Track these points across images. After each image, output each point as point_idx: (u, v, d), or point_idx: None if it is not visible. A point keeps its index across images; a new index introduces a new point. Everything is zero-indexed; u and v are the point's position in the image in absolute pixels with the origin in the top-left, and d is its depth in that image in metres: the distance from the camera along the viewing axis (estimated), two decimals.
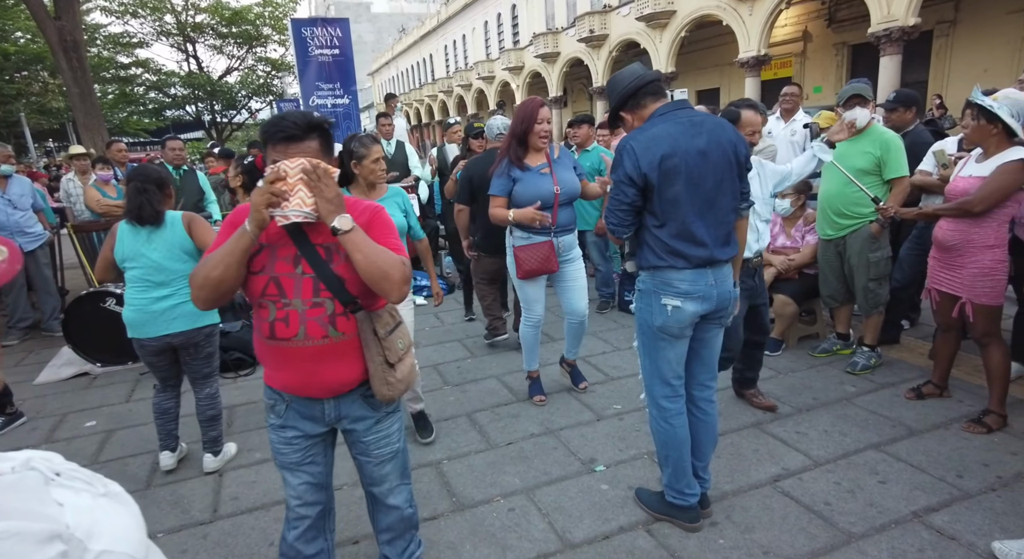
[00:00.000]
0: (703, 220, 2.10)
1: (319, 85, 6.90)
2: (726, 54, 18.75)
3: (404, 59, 48.40)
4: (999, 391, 2.95)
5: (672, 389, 2.29)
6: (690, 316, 2.16)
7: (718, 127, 2.12)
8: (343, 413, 1.73)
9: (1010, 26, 13.40)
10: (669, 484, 2.37)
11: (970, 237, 2.88)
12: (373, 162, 2.82)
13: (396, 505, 1.89)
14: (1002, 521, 2.27)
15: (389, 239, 1.64)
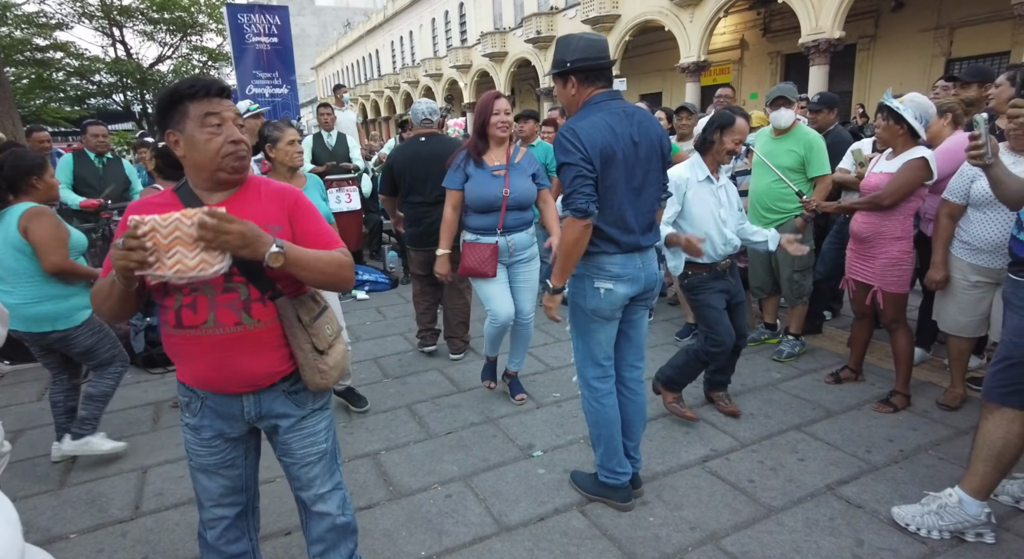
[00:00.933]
0: (633, 208, 2.18)
1: (256, 73, 6.67)
2: (668, 59, 19.32)
3: (349, 54, 47.41)
4: (904, 373, 3.17)
5: (603, 370, 2.36)
6: (621, 298, 2.25)
7: (647, 119, 2.21)
8: (264, 410, 1.59)
9: (922, 43, 14.42)
10: (602, 463, 2.43)
11: (880, 229, 3.09)
12: (288, 144, 2.78)
13: (326, 512, 1.72)
14: (902, 489, 2.45)
15: (319, 227, 1.58)
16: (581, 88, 2.18)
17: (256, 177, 1.62)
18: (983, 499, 2.11)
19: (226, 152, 1.44)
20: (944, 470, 2.58)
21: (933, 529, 2.15)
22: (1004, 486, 2.32)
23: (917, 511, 2.20)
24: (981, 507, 2.10)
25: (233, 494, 1.69)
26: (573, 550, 2.18)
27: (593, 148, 2.06)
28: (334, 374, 1.60)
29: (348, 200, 5.82)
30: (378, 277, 6.09)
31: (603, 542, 2.22)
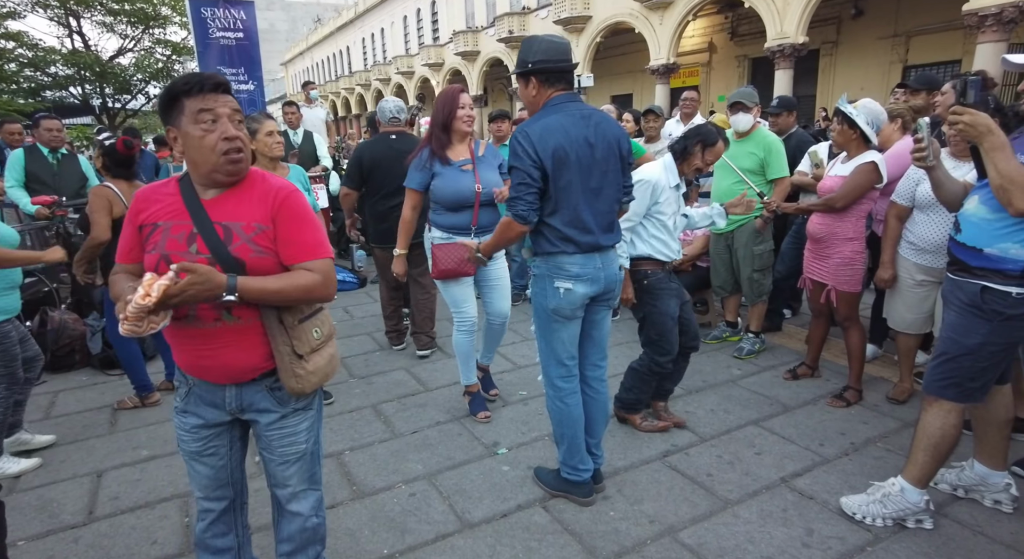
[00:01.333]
0: (591, 208, 2.22)
1: (221, 69, 6.53)
2: (639, 61, 19.55)
3: (320, 50, 46.74)
4: (857, 370, 3.29)
5: (567, 369, 2.40)
6: (581, 297, 2.29)
7: (604, 121, 2.26)
8: (246, 403, 1.60)
9: (881, 50, 14.90)
10: (564, 461, 2.47)
11: (834, 230, 3.20)
12: (267, 135, 2.80)
13: (298, 512, 1.71)
14: (851, 480, 2.55)
15: (301, 236, 1.52)
16: (542, 89, 2.23)
17: (259, 171, 1.59)
18: (923, 487, 2.21)
19: (221, 149, 1.42)
20: (891, 461, 2.69)
21: (877, 517, 2.24)
22: (942, 475, 2.43)
23: (863, 500, 2.30)
24: (921, 495, 2.20)
25: (220, 487, 1.69)
26: (534, 545, 2.22)
27: (545, 151, 2.11)
28: (313, 380, 1.56)
29: (315, 198, 5.75)
30: (346, 276, 6.04)
31: (564, 537, 2.26)
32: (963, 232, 2.11)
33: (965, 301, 2.09)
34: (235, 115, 1.45)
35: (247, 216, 1.48)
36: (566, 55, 2.23)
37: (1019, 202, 1.86)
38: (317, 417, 1.72)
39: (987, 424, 2.29)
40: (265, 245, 1.49)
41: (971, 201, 2.12)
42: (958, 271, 2.13)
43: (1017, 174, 1.86)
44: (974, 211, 2.09)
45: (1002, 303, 2.00)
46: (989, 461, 2.31)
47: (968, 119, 1.93)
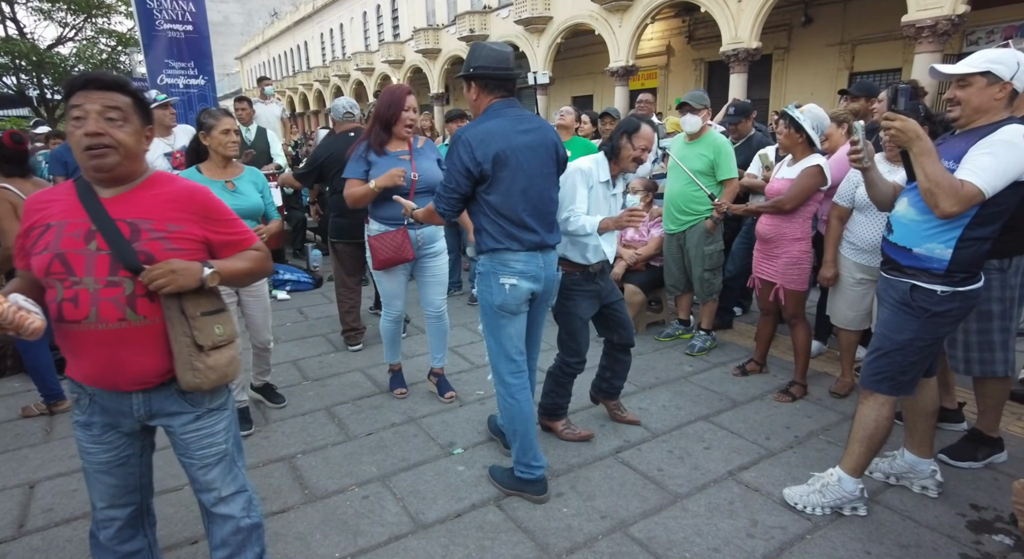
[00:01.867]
0: (532, 208, 2.34)
1: (169, 63, 6.29)
2: (599, 63, 19.79)
3: (276, 45, 45.59)
4: (802, 365, 3.42)
5: (516, 365, 2.47)
6: (525, 293, 2.39)
7: (543, 127, 2.41)
8: (155, 409, 1.56)
9: (829, 56, 15.48)
10: (517, 459, 2.49)
11: (782, 231, 3.31)
12: (223, 133, 2.75)
13: (229, 514, 1.68)
14: (794, 472, 2.64)
15: (236, 228, 1.63)
16: (482, 94, 2.37)
17: (164, 174, 1.59)
18: (858, 476, 2.31)
19: (83, 145, 1.40)
20: (831, 453, 2.80)
21: (816, 506, 2.34)
22: (876, 464, 2.55)
23: (804, 491, 2.39)
24: (856, 484, 2.31)
25: (127, 494, 1.65)
26: (488, 543, 2.22)
27: (485, 154, 2.23)
28: (211, 376, 1.52)
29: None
30: (300, 276, 5.92)
31: (517, 534, 2.27)
32: (894, 232, 2.22)
33: (897, 299, 2.20)
34: (108, 111, 1.41)
35: (158, 215, 1.49)
36: (507, 64, 2.35)
37: (944, 205, 1.97)
38: (233, 418, 1.72)
39: (916, 415, 2.41)
40: (183, 244, 1.50)
41: (901, 203, 2.23)
42: (890, 270, 2.24)
43: (943, 178, 1.96)
44: (904, 213, 2.19)
45: (929, 300, 2.11)
46: (918, 450, 2.44)
47: (899, 125, 2.03)
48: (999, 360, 2.52)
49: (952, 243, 2.05)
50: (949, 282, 2.08)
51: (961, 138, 2.09)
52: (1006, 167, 1.92)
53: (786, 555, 2.14)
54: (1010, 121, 2.00)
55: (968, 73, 2.02)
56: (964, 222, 2.04)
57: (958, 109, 2.08)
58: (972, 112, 2.06)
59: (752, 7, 13.94)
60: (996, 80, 1.99)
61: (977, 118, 2.06)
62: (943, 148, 2.12)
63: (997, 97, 2.01)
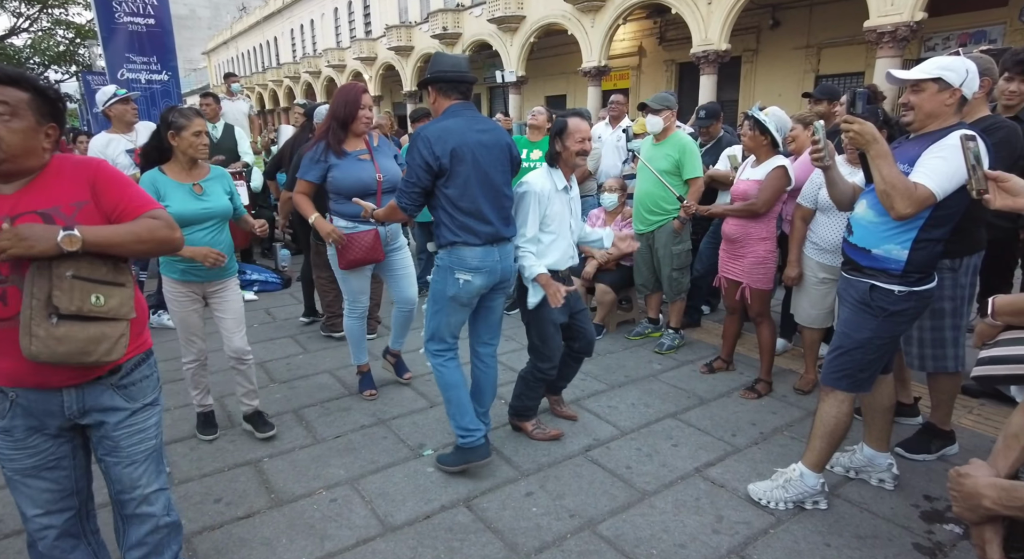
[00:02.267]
0: (489, 202, 2.50)
1: (130, 57, 6.11)
2: (572, 63, 19.86)
3: (245, 40, 44.69)
4: (767, 363, 3.50)
5: (447, 345, 2.71)
6: (477, 288, 2.56)
7: (496, 129, 2.58)
8: (89, 404, 1.50)
9: (796, 59, 15.82)
10: (457, 424, 2.66)
11: (749, 231, 3.38)
12: (194, 135, 2.65)
13: (151, 513, 1.64)
14: (759, 468, 2.71)
15: (129, 192, 1.51)
16: (440, 97, 2.56)
17: (59, 156, 1.52)
18: (819, 471, 2.38)
19: None
20: (795, 448, 2.87)
21: (780, 501, 2.40)
22: (837, 458, 2.62)
23: (768, 486, 2.45)
24: (817, 478, 2.37)
25: (63, 499, 1.58)
26: (457, 545, 2.22)
27: (443, 150, 2.40)
28: (57, 349, 1.34)
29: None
30: (268, 276, 5.83)
31: (486, 535, 2.28)
32: (854, 234, 2.28)
33: (857, 298, 2.26)
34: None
35: (63, 197, 1.44)
36: (461, 70, 2.56)
37: (900, 206, 2.03)
38: (162, 413, 1.70)
39: (874, 411, 2.49)
40: (91, 220, 1.45)
41: (861, 205, 2.29)
42: (851, 270, 2.30)
43: (898, 181, 2.03)
44: (863, 214, 2.26)
45: (887, 300, 2.17)
46: (876, 444, 2.52)
47: (857, 128, 2.08)
48: (950, 356, 2.62)
49: (908, 244, 2.12)
50: (906, 282, 2.15)
51: (915, 142, 2.16)
52: (955, 170, 1.98)
53: (750, 549, 2.19)
54: (959, 126, 2.07)
55: (921, 79, 2.08)
56: (918, 224, 2.10)
57: (912, 113, 2.14)
58: (925, 117, 2.12)
59: (721, 10, 14.16)
60: (947, 86, 2.06)
61: (929, 123, 2.13)
62: (899, 151, 2.18)
63: (947, 103, 2.08)
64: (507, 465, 2.76)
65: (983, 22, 12.52)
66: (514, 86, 20.68)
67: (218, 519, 2.38)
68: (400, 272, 3.37)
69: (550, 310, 2.79)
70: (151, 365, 1.66)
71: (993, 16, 12.34)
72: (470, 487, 2.58)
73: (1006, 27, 12.19)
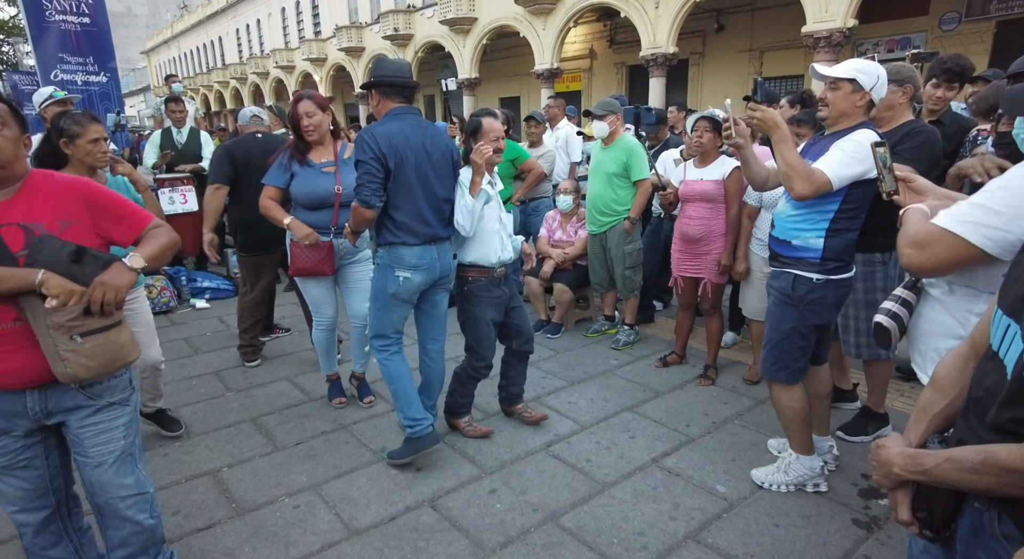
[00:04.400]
0: (429, 205, 2.62)
1: (64, 57, 5.84)
2: (525, 65, 19.99)
3: (187, 39, 43.08)
4: (715, 350, 3.70)
5: (391, 341, 2.80)
6: (417, 285, 2.68)
7: (439, 133, 2.69)
8: (52, 406, 1.53)
9: (740, 62, 16.40)
10: (404, 414, 2.75)
11: (711, 228, 3.50)
12: (90, 142, 2.50)
13: (129, 517, 1.66)
14: (712, 456, 2.83)
15: (127, 210, 1.61)
16: (382, 101, 2.64)
17: (41, 172, 1.55)
18: (810, 453, 2.51)
19: None
20: (746, 436, 3.01)
21: (782, 484, 2.53)
22: (784, 444, 2.78)
23: (770, 471, 2.58)
24: (814, 461, 2.51)
25: (37, 498, 1.60)
26: (423, 544, 2.25)
27: (390, 150, 2.49)
28: (91, 364, 1.45)
29: (183, 201, 5.36)
30: (220, 283, 5.68)
31: (452, 533, 2.31)
32: (776, 227, 2.44)
33: (780, 291, 2.41)
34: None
35: (47, 214, 1.47)
36: (403, 74, 2.66)
37: (799, 187, 2.16)
38: (135, 415, 1.69)
39: (812, 398, 2.64)
40: (80, 238, 1.49)
41: (781, 202, 2.44)
42: (776, 263, 2.45)
43: (797, 163, 2.17)
44: (782, 209, 2.42)
45: (806, 288, 2.32)
46: (817, 429, 2.67)
47: (759, 115, 2.23)
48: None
49: (822, 233, 2.27)
50: (823, 270, 2.30)
51: (827, 139, 2.30)
52: (850, 161, 2.14)
53: (705, 533, 2.30)
54: (864, 125, 2.23)
55: (837, 77, 2.22)
56: (829, 216, 2.25)
57: (826, 109, 2.28)
58: (837, 115, 2.26)
59: (668, 13, 14.55)
60: (859, 88, 2.20)
61: (841, 120, 2.27)
62: (813, 148, 2.34)
63: (858, 104, 2.22)
64: (470, 464, 2.80)
65: (908, 30, 13.30)
66: (467, 88, 20.68)
67: (177, 532, 2.33)
68: (354, 286, 3.29)
69: (484, 310, 2.85)
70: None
71: (917, 24, 13.12)
72: (434, 487, 2.61)
73: (928, 35, 12.99)
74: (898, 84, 2.56)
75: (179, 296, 5.37)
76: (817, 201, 2.24)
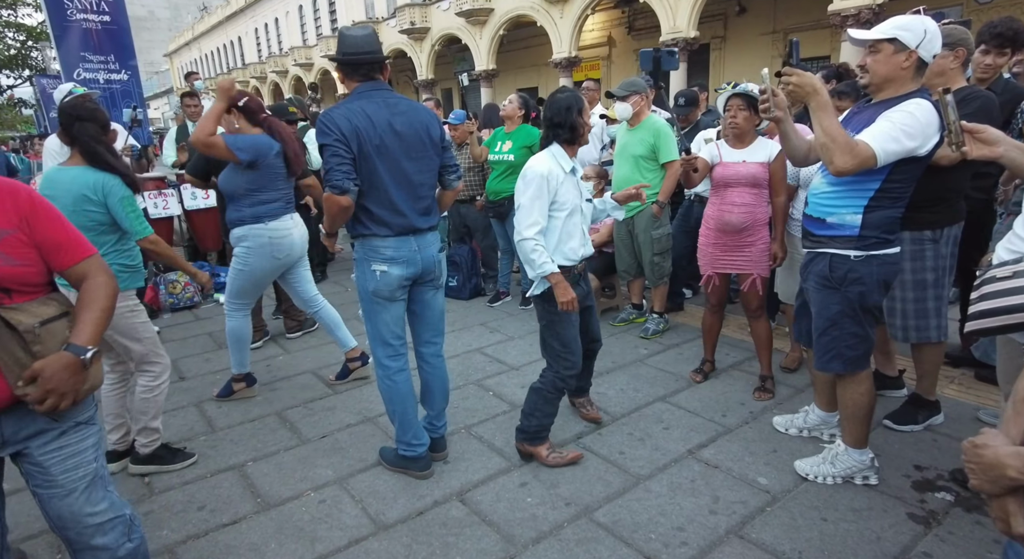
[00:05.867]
0: (402, 192, 2.33)
1: (86, 56, 5.88)
2: (542, 54, 19.80)
3: (208, 40, 43.65)
4: (769, 356, 3.25)
5: (392, 349, 2.49)
6: (397, 279, 2.38)
7: (412, 109, 2.37)
8: (8, 434, 1.35)
9: (763, 45, 15.99)
10: (399, 438, 2.57)
11: (757, 216, 3.10)
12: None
13: (106, 545, 1.47)
14: (751, 447, 2.70)
15: (64, 235, 1.42)
16: (346, 79, 2.35)
17: None
18: (862, 447, 2.36)
19: None
20: None
21: (828, 476, 2.39)
22: (791, 421, 2.77)
23: (814, 461, 2.45)
24: (863, 453, 2.37)
25: None
26: (452, 539, 2.17)
27: (351, 131, 2.20)
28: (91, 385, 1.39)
29: (205, 196, 5.36)
30: None
31: (482, 528, 2.23)
32: (809, 205, 2.28)
33: (817, 275, 2.25)
34: None
35: None
36: (368, 48, 2.32)
37: (838, 160, 1.96)
38: (101, 434, 1.55)
39: (820, 381, 2.52)
40: (17, 253, 1.32)
41: (816, 178, 2.28)
42: (808, 243, 2.30)
43: (838, 133, 1.96)
44: (817, 185, 2.26)
45: (844, 267, 2.16)
46: (826, 407, 2.62)
47: (795, 80, 2.03)
48: (933, 326, 2.63)
49: (860, 209, 2.10)
50: (862, 246, 2.12)
51: (873, 108, 2.11)
52: (899, 133, 1.93)
53: (748, 528, 2.18)
54: (917, 94, 2.01)
55: (876, 39, 2.02)
56: (868, 194, 2.07)
57: (868, 76, 2.09)
58: (881, 80, 2.06)
59: None
60: (903, 48, 1.98)
61: (886, 87, 2.06)
62: (857, 118, 2.16)
63: (903, 66, 2.00)
64: (499, 456, 2.71)
65: (942, 3, 12.78)
66: (485, 80, 20.55)
67: (202, 527, 2.29)
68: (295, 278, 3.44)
69: (568, 312, 2.48)
70: None
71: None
72: (462, 480, 2.53)
73: (963, 9, 12.47)
74: (949, 48, 2.38)
75: (202, 291, 5.38)
76: (857, 178, 2.05)
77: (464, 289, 5.21)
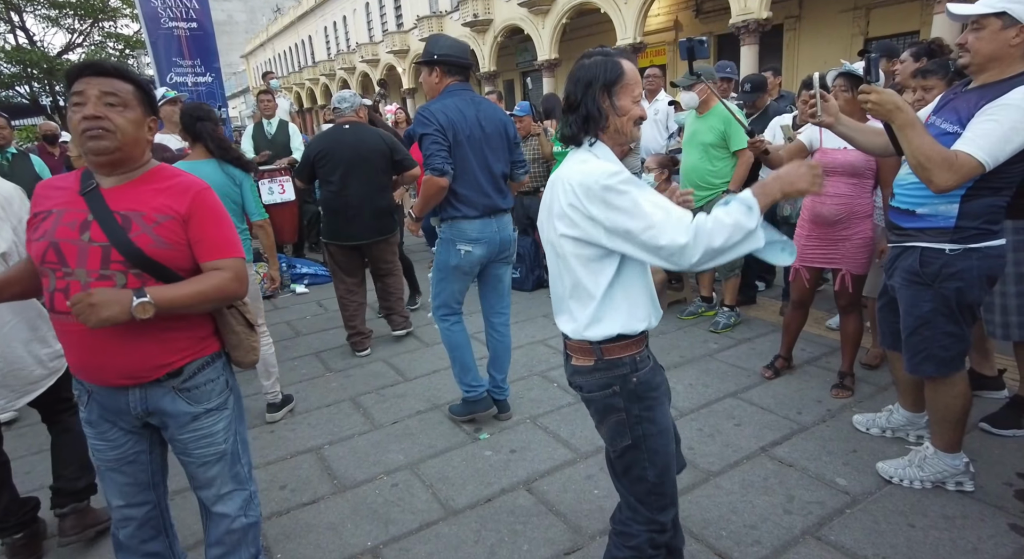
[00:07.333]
0: (485, 175, 2.71)
1: (177, 61, 6.30)
2: (605, 42, 19.42)
3: (281, 41, 45.58)
4: (853, 354, 3.08)
5: (452, 310, 2.92)
6: (478, 258, 2.78)
7: (492, 109, 2.77)
8: (152, 406, 1.51)
9: (842, 23, 15.04)
10: (461, 380, 2.93)
11: (854, 208, 2.88)
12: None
13: (225, 513, 1.64)
14: (828, 446, 2.59)
15: (216, 234, 1.52)
16: (443, 77, 2.71)
17: (169, 168, 1.57)
18: (954, 451, 2.20)
19: (80, 128, 1.39)
20: None
21: (915, 480, 2.26)
22: (873, 420, 2.63)
23: (900, 464, 2.32)
24: (956, 458, 2.21)
25: (141, 492, 1.64)
26: (520, 527, 2.20)
27: (447, 123, 2.59)
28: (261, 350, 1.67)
29: (281, 191, 5.62)
30: (318, 270, 5.93)
31: (549, 518, 2.25)
32: (896, 197, 2.13)
33: (906, 271, 2.10)
34: (106, 97, 1.40)
35: (149, 206, 1.45)
36: (465, 54, 2.75)
37: (939, 179, 1.82)
38: (234, 416, 1.67)
39: (904, 383, 2.36)
40: (169, 237, 1.45)
41: (904, 167, 2.12)
42: (895, 236, 2.14)
43: (931, 150, 1.81)
44: (904, 174, 2.10)
45: (938, 263, 2.00)
46: (913, 408, 2.46)
47: (874, 98, 1.89)
48: None
49: (957, 198, 1.93)
50: (959, 238, 1.95)
51: (973, 93, 1.91)
52: (1009, 133, 1.75)
53: (826, 529, 2.09)
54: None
55: (982, 14, 1.82)
56: (967, 185, 1.89)
57: (968, 56, 1.89)
58: (984, 60, 1.86)
59: None
60: (1013, 23, 1.79)
61: (991, 67, 1.86)
62: (952, 105, 1.97)
63: (1013, 43, 1.80)
64: (564, 447, 2.73)
65: None
66: (547, 69, 20.43)
67: (284, 505, 2.43)
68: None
69: (663, 413, 1.58)
70: (217, 369, 1.61)
71: None
72: (529, 470, 2.56)
73: None
74: None
75: (280, 282, 5.65)
76: None
77: (527, 281, 5.23)
